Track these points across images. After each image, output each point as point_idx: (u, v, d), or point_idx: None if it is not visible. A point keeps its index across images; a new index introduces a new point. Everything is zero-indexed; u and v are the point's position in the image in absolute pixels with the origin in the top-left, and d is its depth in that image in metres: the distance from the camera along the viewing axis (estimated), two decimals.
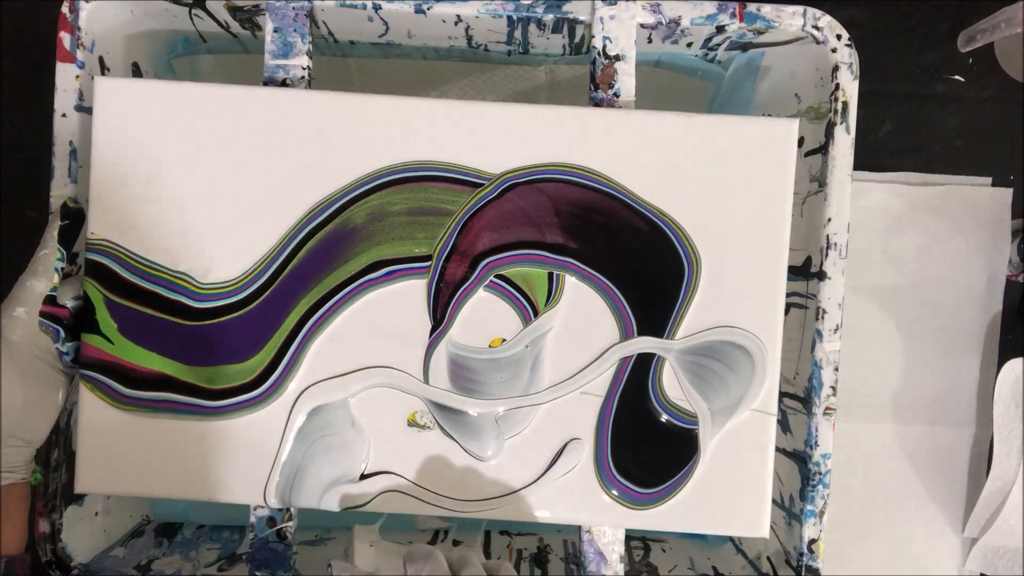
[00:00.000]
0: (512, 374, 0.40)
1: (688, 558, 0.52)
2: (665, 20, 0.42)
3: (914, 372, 0.57)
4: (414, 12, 0.42)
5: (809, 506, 0.43)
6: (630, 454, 0.41)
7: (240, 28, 0.45)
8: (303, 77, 0.42)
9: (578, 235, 0.40)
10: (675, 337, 0.40)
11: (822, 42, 0.42)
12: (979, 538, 0.57)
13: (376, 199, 0.40)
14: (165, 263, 0.40)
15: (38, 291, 0.38)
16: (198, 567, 0.49)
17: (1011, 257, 0.57)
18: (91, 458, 0.40)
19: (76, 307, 0.39)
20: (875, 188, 0.57)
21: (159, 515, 0.54)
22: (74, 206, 0.40)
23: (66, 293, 0.39)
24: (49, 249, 0.38)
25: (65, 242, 0.39)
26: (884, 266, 0.57)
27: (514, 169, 0.40)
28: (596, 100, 0.42)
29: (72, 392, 0.41)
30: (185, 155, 0.40)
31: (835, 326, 0.42)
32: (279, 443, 0.40)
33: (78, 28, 0.41)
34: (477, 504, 0.41)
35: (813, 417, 0.42)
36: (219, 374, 0.40)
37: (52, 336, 0.38)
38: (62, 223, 0.39)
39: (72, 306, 0.39)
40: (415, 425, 0.41)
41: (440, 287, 0.40)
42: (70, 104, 0.41)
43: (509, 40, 0.46)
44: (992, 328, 0.57)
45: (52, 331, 0.38)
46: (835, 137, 0.42)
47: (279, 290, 0.40)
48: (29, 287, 0.38)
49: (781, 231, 0.40)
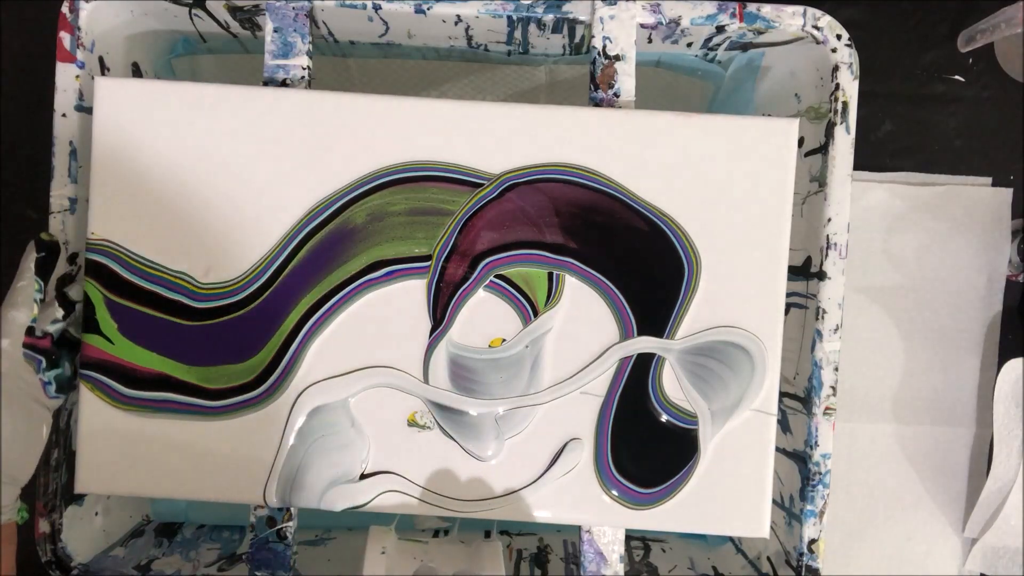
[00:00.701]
0: (512, 374, 0.40)
1: (688, 558, 0.52)
2: (665, 20, 0.42)
3: (914, 372, 0.57)
4: (414, 12, 0.42)
5: (809, 506, 0.43)
6: (630, 454, 0.41)
7: (240, 28, 0.45)
8: (303, 77, 0.42)
9: (578, 235, 0.40)
10: (675, 337, 0.40)
11: (822, 42, 0.42)
12: (979, 538, 0.57)
13: (376, 199, 0.40)
14: (165, 263, 0.40)
15: (19, 322, 0.37)
16: (198, 567, 0.49)
17: (1011, 257, 0.57)
18: (91, 458, 0.40)
19: (58, 331, 0.39)
20: (875, 188, 0.57)
21: (159, 515, 0.54)
22: (49, 239, 0.39)
23: (45, 319, 0.39)
24: (26, 280, 0.38)
25: (42, 273, 0.39)
26: (884, 266, 0.57)
27: (514, 169, 0.40)
28: (596, 100, 0.42)
29: (72, 393, 0.41)
30: (185, 155, 0.40)
31: (835, 326, 0.42)
32: (279, 443, 0.40)
33: (78, 28, 0.41)
34: (477, 504, 0.41)
35: (813, 417, 0.42)
36: (219, 374, 0.40)
37: (35, 367, 0.38)
38: (38, 255, 0.39)
39: (54, 330, 0.39)
40: (415, 425, 0.41)
41: (440, 287, 0.40)
42: (70, 104, 0.41)
43: (509, 40, 0.46)
44: (992, 328, 0.57)
45: (35, 362, 0.38)
46: (835, 137, 0.42)
47: (279, 290, 0.40)
48: (10, 319, 0.37)
49: (781, 231, 0.40)
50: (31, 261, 0.38)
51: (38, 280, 0.38)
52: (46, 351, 0.38)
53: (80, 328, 0.40)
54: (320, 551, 0.51)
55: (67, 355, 0.40)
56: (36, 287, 0.38)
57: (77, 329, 0.40)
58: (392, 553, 0.40)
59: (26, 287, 0.38)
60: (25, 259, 0.39)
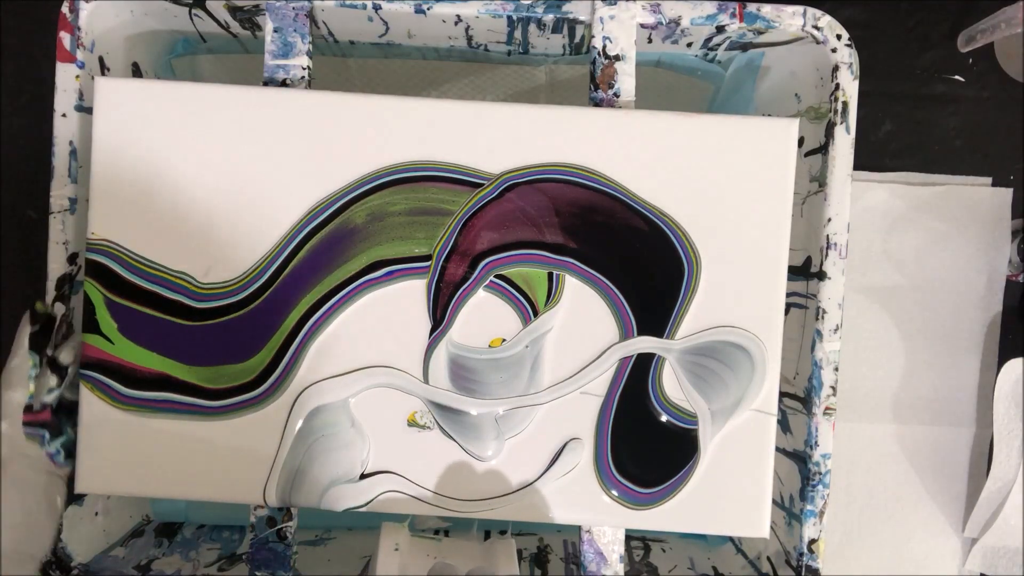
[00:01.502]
0: (512, 374, 0.40)
1: (688, 558, 0.52)
2: (665, 20, 0.42)
3: (914, 372, 0.57)
4: (414, 12, 0.42)
5: (809, 506, 0.43)
6: (630, 454, 0.41)
7: (240, 28, 0.45)
8: (303, 77, 0.42)
9: (578, 235, 0.40)
10: (675, 337, 0.40)
11: (822, 42, 0.42)
12: (979, 538, 0.57)
13: (376, 199, 0.40)
14: (165, 263, 0.40)
15: (16, 402, 0.37)
16: (198, 567, 0.49)
17: (1011, 257, 0.57)
18: (91, 458, 0.40)
19: (55, 399, 0.39)
20: (875, 188, 0.57)
21: (159, 515, 0.54)
22: (43, 311, 0.39)
23: (41, 391, 0.38)
24: (20, 358, 0.37)
25: (36, 346, 0.38)
26: (884, 266, 0.57)
27: (514, 169, 0.40)
28: (596, 100, 0.42)
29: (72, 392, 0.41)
30: (185, 155, 0.40)
31: (835, 326, 0.42)
32: (279, 443, 0.40)
33: (78, 28, 0.41)
34: (477, 504, 0.41)
35: (813, 417, 0.42)
36: (219, 374, 0.40)
37: (39, 441, 0.38)
38: (32, 328, 0.38)
39: (51, 400, 0.39)
40: (415, 425, 0.41)
41: (440, 287, 0.40)
42: (70, 104, 0.41)
43: (509, 40, 0.46)
44: (992, 328, 0.57)
45: (39, 437, 0.38)
46: (835, 137, 0.42)
47: (279, 290, 0.40)
48: (7, 400, 0.37)
49: (781, 231, 0.40)
50: (26, 336, 0.38)
51: (33, 355, 0.38)
52: (47, 423, 0.38)
53: (76, 390, 0.40)
54: (320, 551, 0.51)
55: (67, 419, 0.40)
56: (32, 363, 0.37)
57: (72, 391, 0.40)
58: (405, 550, 0.40)
59: (21, 365, 0.37)
60: (20, 333, 0.38)
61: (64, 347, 0.39)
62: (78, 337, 0.40)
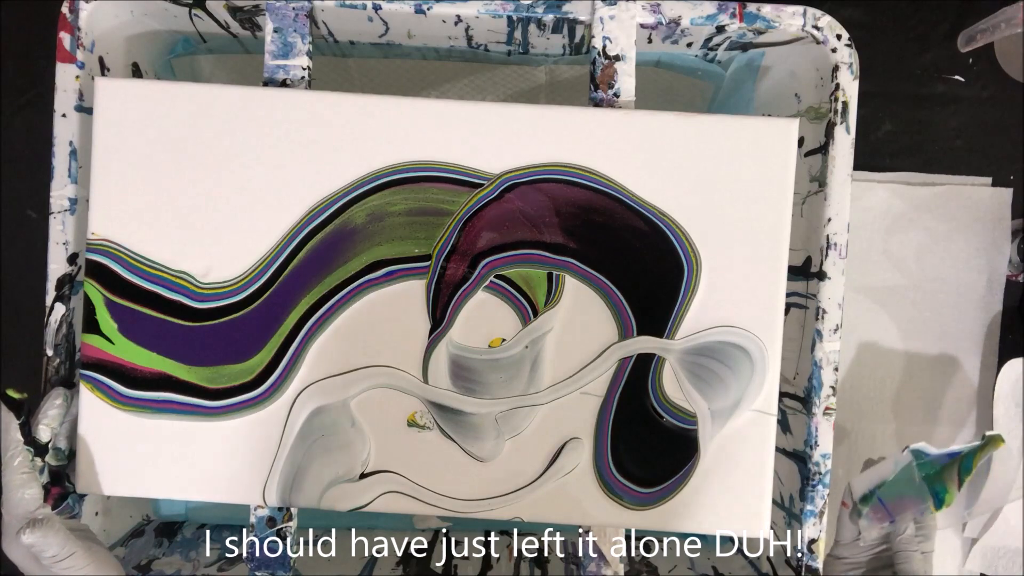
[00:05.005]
0: (512, 374, 0.40)
1: (688, 558, 0.52)
2: (665, 20, 0.42)
3: (914, 372, 0.57)
4: (414, 12, 0.42)
5: (809, 506, 0.43)
6: (630, 454, 0.41)
7: (240, 28, 0.45)
8: (303, 77, 0.42)
9: (578, 235, 0.40)
10: (675, 337, 0.40)
11: (822, 42, 0.42)
12: (979, 538, 0.57)
13: (376, 199, 0.40)
14: (165, 263, 0.40)
15: (37, 497, 0.37)
16: (198, 567, 0.49)
17: (1011, 257, 0.57)
18: (91, 458, 0.40)
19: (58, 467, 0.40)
20: (875, 188, 0.57)
21: (159, 515, 0.54)
22: (18, 397, 0.38)
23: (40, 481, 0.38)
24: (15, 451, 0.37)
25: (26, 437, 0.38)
26: (884, 266, 0.57)
27: (514, 169, 0.40)
28: (596, 100, 0.42)
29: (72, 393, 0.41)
30: (185, 155, 0.40)
31: (835, 326, 0.42)
32: (279, 443, 0.40)
33: (78, 28, 0.41)
34: (477, 504, 0.41)
35: (813, 417, 0.42)
36: (219, 374, 0.40)
37: (68, 512, 0.39)
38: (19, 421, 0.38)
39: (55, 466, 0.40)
40: (415, 425, 0.41)
41: (440, 287, 0.40)
42: (70, 104, 0.41)
43: (509, 40, 0.46)
44: (992, 328, 0.57)
45: (68, 508, 0.39)
46: (835, 137, 0.42)
47: (279, 290, 0.40)
48: (29, 499, 0.37)
49: (781, 231, 0.40)
50: (16, 432, 0.37)
51: (28, 449, 0.38)
52: (65, 496, 0.40)
53: (61, 455, 0.41)
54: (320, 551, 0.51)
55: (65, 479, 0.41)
56: (30, 457, 0.37)
57: (57, 457, 0.40)
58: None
59: (22, 463, 0.37)
60: (7, 432, 0.37)
61: (38, 426, 0.39)
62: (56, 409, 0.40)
